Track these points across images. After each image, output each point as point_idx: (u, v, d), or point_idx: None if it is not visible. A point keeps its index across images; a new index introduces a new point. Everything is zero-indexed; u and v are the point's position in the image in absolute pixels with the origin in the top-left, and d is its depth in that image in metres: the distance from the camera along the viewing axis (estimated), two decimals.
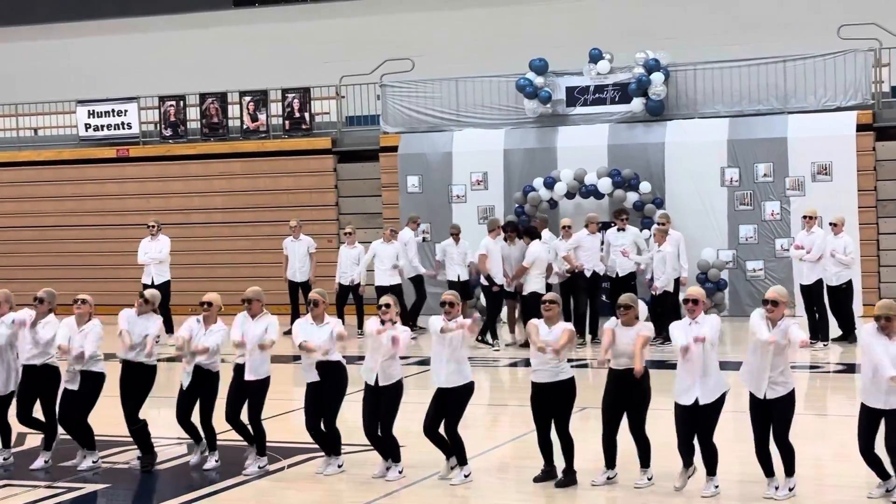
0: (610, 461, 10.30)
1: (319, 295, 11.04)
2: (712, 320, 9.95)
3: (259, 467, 11.06)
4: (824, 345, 17.44)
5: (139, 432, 11.38)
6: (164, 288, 19.88)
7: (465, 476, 10.52)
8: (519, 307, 18.82)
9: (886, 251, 20.69)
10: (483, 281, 18.71)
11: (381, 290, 18.18)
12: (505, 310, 19.32)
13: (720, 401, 9.87)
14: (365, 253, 20.22)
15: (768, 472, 9.76)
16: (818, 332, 17.50)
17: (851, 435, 9.71)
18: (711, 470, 9.91)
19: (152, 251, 20.67)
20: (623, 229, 18.87)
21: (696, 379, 9.78)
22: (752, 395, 9.72)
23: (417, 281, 20.40)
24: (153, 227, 20.79)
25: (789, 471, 9.75)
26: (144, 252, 20.77)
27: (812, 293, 17.64)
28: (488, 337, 18.46)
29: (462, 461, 10.55)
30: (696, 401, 9.78)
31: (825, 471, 11.02)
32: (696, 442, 9.92)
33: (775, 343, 9.50)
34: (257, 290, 11.11)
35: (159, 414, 12.70)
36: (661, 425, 10.62)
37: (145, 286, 19.84)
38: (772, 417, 9.63)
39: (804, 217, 18.23)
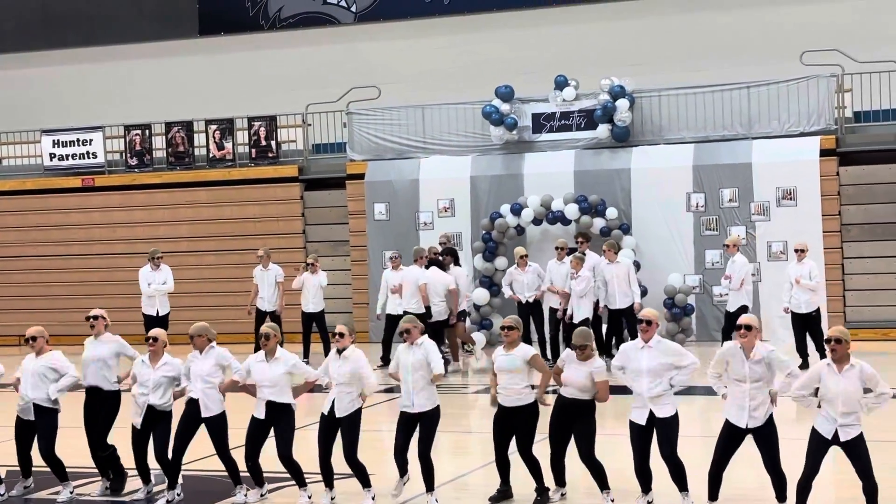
0: (559, 480, 10.45)
1: (271, 329, 10.86)
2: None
3: (244, 496, 10.94)
4: None
5: (110, 458, 11.32)
6: (166, 319, 19.75)
7: (436, 502, 10.47)
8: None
9: (851, 275, 20.81)
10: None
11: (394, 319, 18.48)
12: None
13: (677, 415, 9.89)
14: (326, 281, 20.15)
15: (713, 495, 9.70)
16: None
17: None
18: (682, 485, 9.86)
19: (156, 281, 20.34)
20: (584, 254, 18.87)
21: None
22: (728, 422, 9.63)
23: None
24: (159, 257, 20.41)
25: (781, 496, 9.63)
26: (148, 282, 20.33)
27: (733, 320, 17.43)
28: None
29: (430, 487, 10.50)
30: (651, 416, 9.79)
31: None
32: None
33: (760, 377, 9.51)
34: (202, 325, 10.92)
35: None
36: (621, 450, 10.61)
37: (148, 317, 19.63)
38: (758, 446, 9.58)
39: (725, 245, 18.34)
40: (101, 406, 11.33)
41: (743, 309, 17.34)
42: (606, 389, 10.29)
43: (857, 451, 9.11)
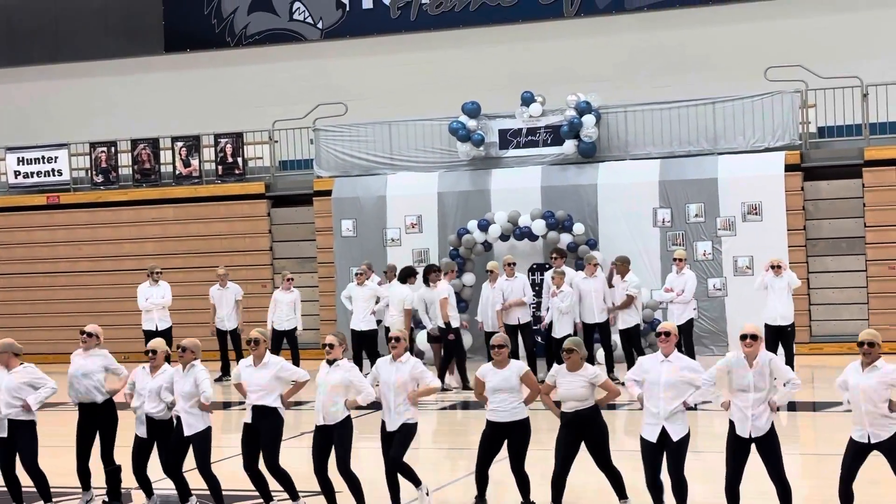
0: (557, 498, 10.28)
1: (261, 334, 10.87)
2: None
3: None
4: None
5: (114, 474, 11.29)
6: (168, 333, 19.67)
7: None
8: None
9: (816, 290, 20.94)
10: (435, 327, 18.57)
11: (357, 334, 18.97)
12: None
13: (688, 435, 9.83)
14: (301, 299, 20.15)
15: None
16: None
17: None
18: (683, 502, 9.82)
19: (154, 297, 20.23)
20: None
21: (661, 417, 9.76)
22: (733, 433, 9.63)
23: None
24: (158, 273, 20.36)
25: None
26: (146, 297, 20.26)
27: (682, 334, 17.49)
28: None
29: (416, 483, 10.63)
30: (664, 434, 9.72)
31: None
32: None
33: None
34: (194, 341, 10.97)
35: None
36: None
37: (148, 333, 19.44)
38: (762, 456, 9.57)
39: (674, 259, 18.51)
40: (96, 419, 11.30)
41: (690, 323, 18.03)
42: (612, 385, 10.33)
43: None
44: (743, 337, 9.58)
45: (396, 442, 10.52)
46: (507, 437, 10.39)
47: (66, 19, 28.64)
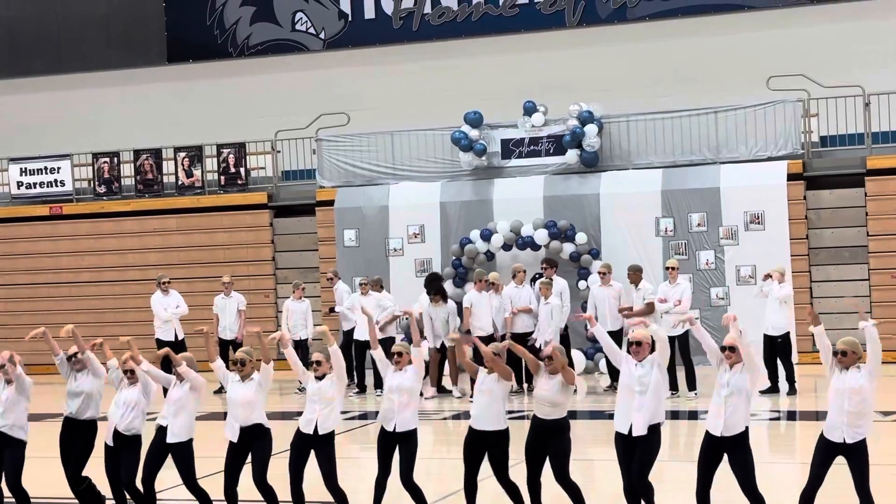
0: (535, 500, 10.33)
1: (246, 355, 10.81)
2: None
3: None
4: (695, 394, 17.37)
5: (87, 492, 11.19)
6: (184, 343, 19.68)
7: None
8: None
9: (819, 299, 20.90)
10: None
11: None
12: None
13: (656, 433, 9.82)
14: (311, 308, 20.13)
15: None
16: (688, 383, 17.45)
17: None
18: None
19: (171, 306, 20.18)
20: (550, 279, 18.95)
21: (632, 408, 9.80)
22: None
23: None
24: (166, 282, 20.33)
25: None
26: (164, 307, 20.16)
27: (679, 344, 17.41)
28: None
29: None
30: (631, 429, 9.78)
31: None
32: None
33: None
34: (188, 355, 10.96)
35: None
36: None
37: (165, 343, 19.15)
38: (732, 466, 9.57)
39: (667, 268, 18.36)
40: (78, 437, 11.18)
41: (687, 333, 17.66)
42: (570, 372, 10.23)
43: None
44: (722, 349, 9.61)
45: (403, 461, 10.42)
46: (487, 448, 10.34)
47: (68, 30, 28.69)
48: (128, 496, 10.95)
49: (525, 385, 18.46)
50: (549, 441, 10.18)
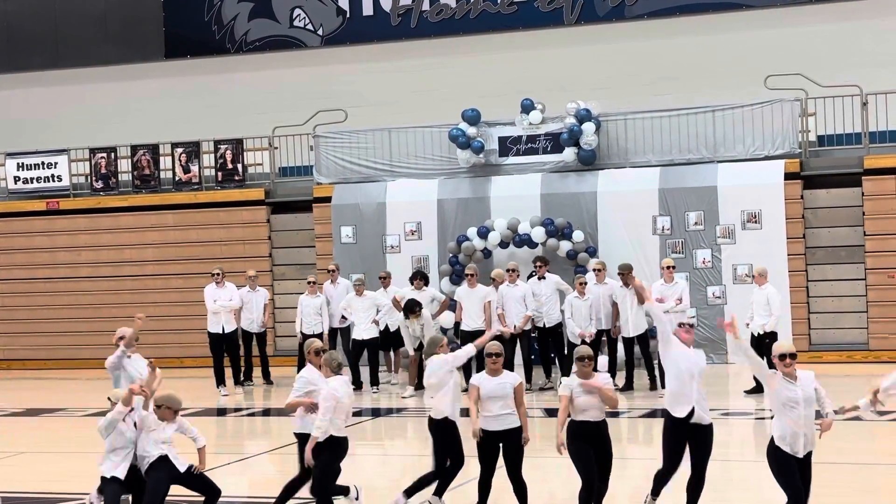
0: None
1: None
2: None
3: None
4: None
5: None
6: (234, 335, 20.01)
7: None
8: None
9: (816, 298, 20.94)
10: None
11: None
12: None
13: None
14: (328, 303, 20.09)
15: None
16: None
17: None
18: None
19: (222, 298, 20.21)
20: (543, 277, 18.96)
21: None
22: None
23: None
24: (218, 274, 20.36)
25: None
26: (213, 299, 20.21)
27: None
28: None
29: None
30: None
31: None
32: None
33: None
34: (171, 396, 10.54)
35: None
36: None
37: (214, 335, 19.75)
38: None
39: (664, 267, 18.37)
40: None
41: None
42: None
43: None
44: (782, 357, 9.71)
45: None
46: (503, 445, 10.43)
47: (66, 25, 28.67)
48: None
49: (549, 378, 18.68)
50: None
